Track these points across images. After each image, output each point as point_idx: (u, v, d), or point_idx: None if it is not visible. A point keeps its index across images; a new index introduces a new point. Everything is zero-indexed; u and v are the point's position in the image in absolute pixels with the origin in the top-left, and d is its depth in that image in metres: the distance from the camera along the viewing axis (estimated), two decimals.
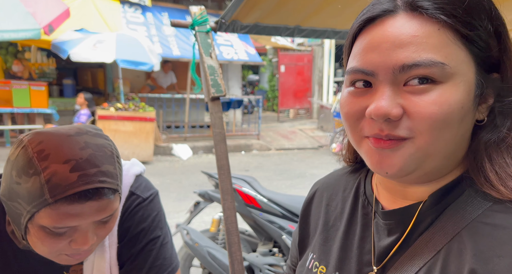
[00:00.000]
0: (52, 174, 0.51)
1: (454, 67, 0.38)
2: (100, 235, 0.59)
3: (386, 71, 0.39)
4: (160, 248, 0.71)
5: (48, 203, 0.51)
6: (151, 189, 0.74)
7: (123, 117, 5.44)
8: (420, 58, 0.37)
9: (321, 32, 1.57)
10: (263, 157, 6.63)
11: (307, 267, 0.55)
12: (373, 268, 0.46)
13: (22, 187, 0.52)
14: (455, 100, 0.38)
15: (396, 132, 0.39)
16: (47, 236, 0.54)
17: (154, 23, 6.80)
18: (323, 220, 0.56)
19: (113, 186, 0.56)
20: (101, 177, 0.54)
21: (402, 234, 0.44)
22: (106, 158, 0.56)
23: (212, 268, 2.03)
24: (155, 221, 0.72)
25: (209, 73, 1.36)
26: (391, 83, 0.39)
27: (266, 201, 2.16)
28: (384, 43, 0.39)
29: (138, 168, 0.75)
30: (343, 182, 0.58)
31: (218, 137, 1.36)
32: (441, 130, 0.38)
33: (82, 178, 0.52)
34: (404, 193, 0.46)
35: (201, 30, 1.39)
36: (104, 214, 0.56)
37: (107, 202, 0.55)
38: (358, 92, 0.42)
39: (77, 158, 0.53)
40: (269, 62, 11.21)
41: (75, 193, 0.51)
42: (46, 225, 0.53)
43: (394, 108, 0.38)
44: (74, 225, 0.54)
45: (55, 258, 0.58)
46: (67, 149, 0.53)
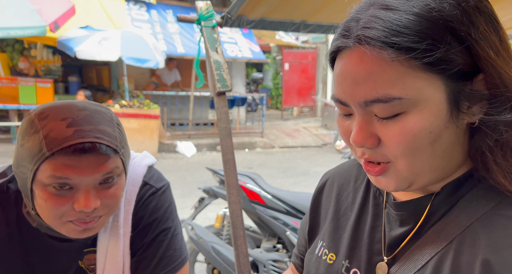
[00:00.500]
0: (49, 130, 0.54)
1: (413, 96, 0.37)
2: (105, 203, 0.59)
3: (355, 104, 0.40)
4: (171, 239, 0.72)
5: (46, 156, 0.53)
6: (164, 180, 0.75)
7: (128, 114, 5.47)
8: (378, 94, 0.38)
9: (327, 27, 1.57)
10: (266, 154, 6.64)
11: (316, 254, 0.55)
12: (383, 258, 0.47)
13: (25, 147, 0.55)
14: (419, 128, 0.38)
15: (374, 158, 0.42)
16: (50, 196, 0.55)
17: (159, 20, 6.81)
18: (333, 209, 0.57)
19: (111, 144, 0.57)
20: (97, 133, 0.56)
21: (415, 225, 0.45)
22: (103, 120, 0.58)
23: (217, 263, 2.04)
24: (167, 212, 0.72)
25: (215, 68, 1.37)
26: (363, 114, 0.41)
27: (271, 197, 2.16)
28: (348, 79, 0.40)
29: (150, 159, 0.76)
30: (355, 172, 0.58)
31: (224, 132, 1.37)
32: (414, 155, 0.39)
33: (78, 132, 0.54)
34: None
35: (207, 25, 1.39)
36: (102, 170, 0.56)
37: (105, 158, 0.56)
38: (344, 117, 0.44)
39: (74, 116, 0.56)
40: (273, 60, 11.19)
41: (71, 145, 0.53)
42: (46, 181, 0.54)
43: (368, 138, 0.40)
44: (72, 177, 0.54)
45: (63, 226, 0.59)
46: (65, 109, 0.56)
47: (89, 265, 0.71)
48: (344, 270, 0.50)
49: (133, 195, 0.70)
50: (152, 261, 0.70)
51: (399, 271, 0.44)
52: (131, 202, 0.70)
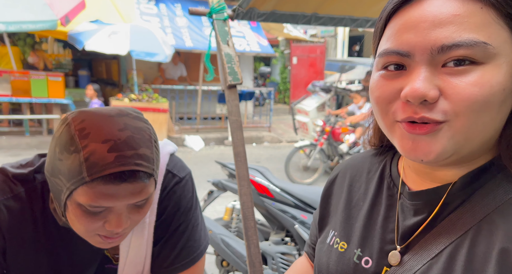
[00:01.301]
0: (90, 153, 0.52)
1: (497, 47, 0.36)
2: (134, 219, 0.60)
3: (424, 52, 0.37)
4: (192, 230, 0.73)
5: (85, 181, 0.52)
6: (186, 169, 0.75)
7: (137, 108, 5.50)
8: (461, 38, 0.36)
9: (339, 20, 1.55)
10: (274, 149, 6.64)
11: (327, 243, 0.56)
12: (396, 246, 0.47)
13: (64, 163, 0.54)
14: (497, 82, 0.36)
15: (431, 115, 0.37)
16: (83, 214, 0.56)
17: (167, 14, 6.81)
18: (345, 199, 0.57)
19: (149, 170, 0.56)
20: (138, 159, 0.54)
21: (429, 215, 0.44)
22: (144, 141, 0.56)
23: (226, 255, 2.07)
24: (190, 202, 0.73)
25: (226, 61, 1.37)
26: (428, 64, 0.37)
27: (279, 191, 2.17)
28: (422, 23, 0.37)
29: (171, 147, 0.75)
30: (368, 163, 0.58)
31: (235, 125, 1.38)
32: (480, 113, 0.37)
33: (119, 159, 0.52)
34: (433, 176, 0.46)
35: (219, 18, 1.39)
36: (138, 198, 0.56)
37: (142, 185, 0.55)
38: (391, 75, 0.40)
39: (115, 139, 0.53)
40: (281, 54, 11.12)
41: (111, 174, 0.52)
42: (82, 203, 0.54)
43: (431, 89, 0.37)
44: (108, 206, 0.55)
45: (90, 238, 0.60)
46: (107, 129, 0.54)
47: (114, 254, 0.72)
48: (356, 258, 0.50)
49: (158, 184, 0.70)
50: (173, 251, 0.71)
51: (412, 260, 0.44)
52: (157, 191, 0.70)
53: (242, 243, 2.11)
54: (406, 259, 0.44)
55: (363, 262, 0.49)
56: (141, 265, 0.71)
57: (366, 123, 0.59)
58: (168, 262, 0.71)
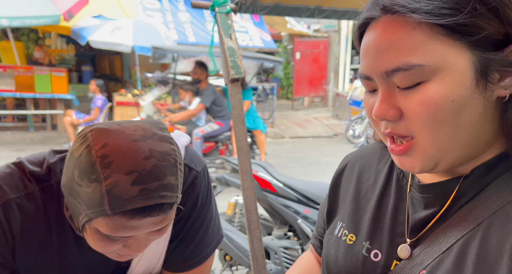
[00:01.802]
0: (113, 185, 0.48)
1: (434, 64, 0.37)
2: (152, 240, 0.59)
3: (377, 76, 0.41)
4: (207, 225, 0.72)
5: (107, 214, 0.49)
6: (202, 161, 0.73)
7: (139, 103, 5.52)
8: (398, 63, 0.38)
9: (342, 13, 1.54)
10: (277, 144, 6.64)
11: (335, 235, 0.55)
12: (406, 239, 0.46)
13: (83, 190, 0.50)
14: (441, 97, 0.37)
15: (397, 131, 0.41)
16: (102, 239, 0.54)
17: (170, 9, 6.79)
18: (353, 190, 0.56)
19: (173, 200, 0.53)
20: (162, 191, 0.51)
21: (440, 208, 0.44)
22: (169, 168, 0.52)
23: (229, 249, 2.08)
24: (207, 197, 0.71)
25: (229, 55, 1.36)
26: (385, 86, 0.41)
27: (282, 186, 2.17)
28: (370, 51, 0.40)
29: (185, 139, 0.72)
30: (377, 154, 0.58)
31: (237, 119, 1.37)
32: (437, 128, 0.38)
33: (143, 192, 0.49)
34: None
35: (221, 11, 1.38)
36: (159, 226, 0.54)
37: (166, 217, 0.53)
38: (370, 93, 0.44)
39: (140, 170, 0.49)
40: (284, 49, 11.05)
41: (134, 208, 0.49)
42: (102, 231, 0.52)
43: (389, 110, 0.40)
44: (130, 236, 0.54)
45: (107, 254, 0.59)
46: (131, 157, 0.49)
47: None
48: (365, 251, 0.50)
49: None
50: (189, 248, 0.70)
51: (423, 253, 0.43)
52: None
53: (245, 238, 2.12)
54: (416, 253, 0.44)
55: (372, 255, 0.49)
56: (155, 260, 0.70)
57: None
58: (183, 258, 0.70)
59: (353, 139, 6.32)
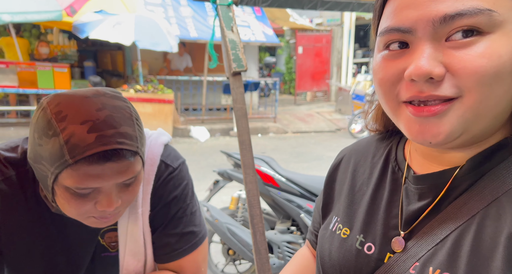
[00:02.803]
0: (70, 135, 0.51)
1: (503, 14, 0.34)
2: (125, 199, 0.59)
3: (425, 25, 0.35)
4: (191, 216, 0.73)
5: (69, 163, 0.51)
6: (180, 158, 0.75)
7: (143, 99, 5.53)
8: (463, 6, 0.34)
9: (345, 4, 1.51)
10: (279, 139, 6.63)
11: (330, 229, 0.55)
12: (400, 232, 0.45)
13: (44, 148, 0.53)
14: (506, 51, 0.34)
15: (440, 92, 0.35)
16: (72, 197, 0.55)
17: (172, 4, 6.74)
18: (349, 185, 0.56)
19: (132, 148, 0.55)
20: (119, 138, 0.53)
21: (434, 199, 0.43)
22: (124, 119, 0.55)
23: (232, 243, 2.08)
24: (185, 189, 0.73)
25: (231, 48, 1.35)
26: (431, 39, 0.35)
27: (285, 180, 2.17)
28: None
29: (165, 137, 0.75)
30: (372, 148, 0.57)
31: (239, 112, 1.36)
32: (492, 86, 0.34)
33: (100, 139, 0.52)
34: (441, 159, 0.44)
35: (223, 3, 1.36)
36: (125, 176, 0.56)
37: (127, 163, 0.55)
38: (394, 55, 0.38)
39: (94, 119, 0.52)
40: (286, 44, 10.98)
41: (94, 154, 0.51)
42: (69, 186, 0.54)
43: (436, 66, 0.35)
44: (96, 186, 0.54)
45: (84, 220, 0.60)
46: (84, 110, 0.53)
47: (110, 242, 0.72)
48: (358, 244, 0.49)
49: (151, 174, 0.70)
50: (174, 237, 0.71)
51: (416, 245, 0.42)
52: (150, 182, 0.70)
53: (248, 232, 2.12)
54: (410, 245, 0.43)
55: (365, 248, 0.48)
56: (142, 255, 0.71)
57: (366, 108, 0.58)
58: (170, 248, 0.72)
59: (356, 132, 6.30)
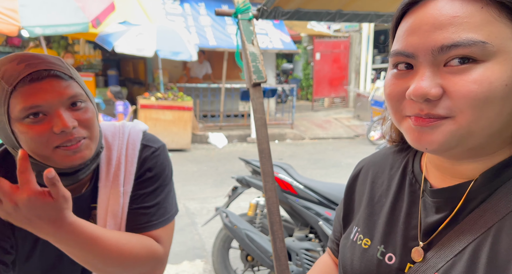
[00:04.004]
0: (4, 71, 0.59)
1: (497, 45, 0.37)
2: (82, 125, 0.63)
3: (425, 53, 0.39)
4: (167, 194, 0.79)
5: (10, 91, 0.58)
6: (160, 142, 0.82)
7: (163, 106, 5.69)
8: (459, 38, 0.37)
9: (364, 16, 1.53)
10: (297, 146, 6.62)
11: (351, 239, 0.57)
12: (419, 243, 0.47)
13: None
14: (497, 78, 0.37)
15: (435, 111, 0.39)
16: (29, 127, 0.59)
17: (191, 13, 6.94)
18: (368, 196, 0.58)
19: (64, 71, 0.61)
20: (47, 64, 0.60)
21: (451, 212, 0.45)
22: (51, 57, 0.63)
23: (250, 250, 2.11)
24: (166, 169, 0.79)
25: (251, 60, 1.40)
26: (430, 64, 0.39)
27: (303, 188, 2.18)
28: (424, 26, 0.39)
29: (143, 125, 0.83)
30: (390, 160, 0.59)
31: (259, 122, 1.40)
32: (483, 109, 0.38)
33: (30, 65, 0.59)
34: (453, 171, 0.46)
35: (244, 18, 1.42)
36: (66, 94, 0.61)
37: (64, 83, 0.61)
38: (400, 74, 0.43)
39: (22, 56, 0.61)
40: (303, 50, 11.00)
41: (27, 76, 0.58)
42: (21, 115, 0.59)
43: (433, 88, 0.38)
44: (41, 103, 0.59)
45: (53, 155, 0.62)
46: (13, 55, 0.62)
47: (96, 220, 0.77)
48: (380, 254, 0.51)
49: (134, 157, 0.76)
50: (151, 209, 0.76)
51: (436, 256, 0.44)
52: (133, 163, 0.76)
53: (266, 239, 2.14)
54: (429, 256, 0.45)
55: (386, 259, 0.50)
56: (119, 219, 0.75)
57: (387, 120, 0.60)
58: (147, 218, 0.75)
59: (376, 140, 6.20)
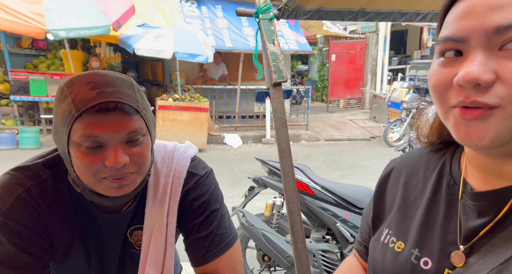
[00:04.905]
0: (76, 94, 0.60)
1: None
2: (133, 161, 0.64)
3: (479, 35, 0.36)
4: (220, 219, 0.77)
5: (75, 116, 0.59)
6: (206, 167, 0.81)
7: (180, 107, 5.77)
8: None
9: (387, 14, 1.51)
10: (311, 147, 6.58)
11: (382, 241, 0.55)
12: (459, 247, 0.45)
13: (59, 113, 0.62)
14: None
15: (483, 99, 0.36)
16: (84, 154, 0.61)
17: (209, 16, 7.03)
18: (401, 198, 0.56)
19: (132, 104, 0.62)
20: (119, 94, 0.61)
21: (495, 216, 0.42)
22: (124, 83, 0.64)
23: (267, 249, 2.11)
24: (213, 194, 0.78)
25: (272, 60, 1.40)
26: (484, 47, 0.36)
27: (320, 189, 2.17)
28: (479, 7, 0.37)
29: (192, 151, 0.82)
30: (425, 160, 0.56)
31: (279, 122, 1.41)
32: None
33: (101, 94, 0.60)
34: (499, 172, 0.43)
35: (265, 17, 1.43)
36: (126, 128, 0.61)
37: (128, 117, 0.61)
38: (448, 62, 0.40)
39: (96, 81, 0.62)
40: (319, 52, 10.94)
41: (95, 105, 0.59)
42: (78, 140, 0.60)
43: (485, 73, 0.35)
44: (100, 135, 0.60)
45: (99, 184, 0.64)
46: (89, 76, 0.63)
47: (137, 241, 0.78)
48: (414, 258, 0.48)
49: (179, 186, 0.75)
50: (206, 240, 0.75)
51: (479, 263, 0.42)
52: (177, 194, 0.75)
53: (282, 239, 2.14)
54: (471, 262, 0.42)
55: (422, 263, 0.48)
56: (161, 266, 0.74)
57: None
58: (204, 250, 0.75)
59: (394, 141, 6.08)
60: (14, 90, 5.60)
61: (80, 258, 0.75)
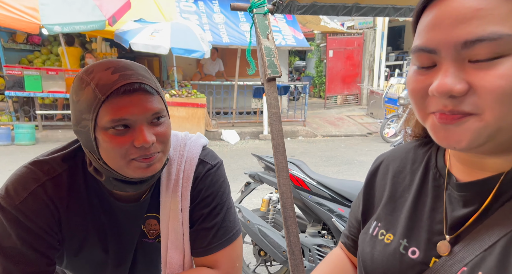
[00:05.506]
0: (98, 79, 0.61)
1: None
2: (159, 140, 0.65)
3: (448, 48, 0.38)
4: (226, 212, 0.77)
5: (102, 100, 0.60)
6: (218, 158, 0.81)
7: (177, 103, 5.76)
8: (484, 32, 0.35)
9: (381, 9, 1.51)
10: (309, 143, 6.59)
11: (370, 234, 0.56)
12: (445, 237, 0.46)
13: (81, 101, 0.62)
14: None
15: (460, 108, 0.38)
16: (112, 138, 0.62)
17: (205, 11, 6.98)
18: (389, 191, 0.57)
19: (152, 85, 0.64)
20: (139, 76, 0.63)
21: (480, 206, 0.43)
22: (140, 67, 0.66)
23: (263, 245, 2.12)
24: (222, 187, 0.78)
25: (266, 55, 1.40)
26: (454, 60, 0.38)
27: (316, 184, 2.18)
28: (446, 20, 0.38)
29: (204, 140, 0.83)
30: (411, 154, 0.57)
31: (274, 117, 1.41)
32: (510, 104, 0.36)
33: (123, 76, 0.61)
34: (482, 164, 0.45)
35: (259, 12, 1.42)
36: (151, 109, 0.63)
37: (151, 97, 0.63)
38: (423, 70, 0.41)
39: (115, 65, 0.63)
40: (316, 48, 10.91)
41: (120, 87, 0.60)
42: (106, 124, 0.61)
43: (457, 84, 0.37)
44: (128, 117, 0.61)
45: (128, 166, 0.64)
46: (106, 62, 0.64)
47: (149, 230, 0.78)
48: (402, 248, 0.50)
49: (191, 173, 0.76)
50: (210, 231, 0.75)
51: (464, 250, 0.43)
52: (189, 179, 0.75)
53: (279, 234, 2.15)
54: (456, 250, 0.44)
55: (409, 253, 0.49)
56: (182, 248, 0.76)
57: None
58: (207, 241, 0.75)
59: (390, 136, 6.11)
60: (9, 85, 5.56)
61: (95, 250, 0.75)
